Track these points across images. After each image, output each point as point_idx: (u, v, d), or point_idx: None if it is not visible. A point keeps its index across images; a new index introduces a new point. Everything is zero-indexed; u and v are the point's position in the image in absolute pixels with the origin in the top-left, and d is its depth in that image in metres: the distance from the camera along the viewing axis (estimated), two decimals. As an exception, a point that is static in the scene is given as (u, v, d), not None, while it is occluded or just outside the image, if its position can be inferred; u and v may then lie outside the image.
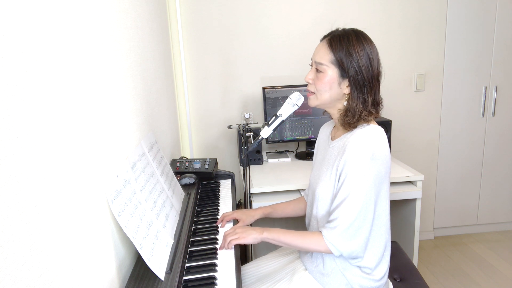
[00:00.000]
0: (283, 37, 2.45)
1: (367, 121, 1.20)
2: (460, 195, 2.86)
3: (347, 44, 1.17)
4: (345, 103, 1.22)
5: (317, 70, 1.22)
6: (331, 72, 1.19)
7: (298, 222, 2.41)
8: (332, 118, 1.33)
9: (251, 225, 1.48)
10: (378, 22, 2.50)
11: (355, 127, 1.21)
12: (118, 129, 1.14)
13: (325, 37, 1.24)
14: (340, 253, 1.16)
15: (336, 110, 1.25)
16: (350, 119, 1.19)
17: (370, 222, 1.16)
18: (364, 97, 1.18)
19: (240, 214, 1.45)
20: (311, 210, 1.32)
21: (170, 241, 1.20)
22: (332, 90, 1.21)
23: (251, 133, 1.90)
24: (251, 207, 1.83)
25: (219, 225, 1.41)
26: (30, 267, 0.63)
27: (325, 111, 1.33)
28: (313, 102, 1.26)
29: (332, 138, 1.31)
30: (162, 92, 1.91)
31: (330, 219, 1.18)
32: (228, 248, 1.24)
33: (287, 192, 1.95)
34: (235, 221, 1.45)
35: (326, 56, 1.20)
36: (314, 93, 1.25)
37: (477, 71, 2.66)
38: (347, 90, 1.20)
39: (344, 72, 1.18)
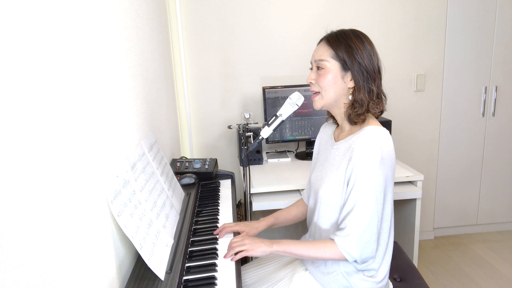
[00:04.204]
0: (283, 37, 2.45)
1: (374, 112, 1.20)
2: (460, 195, 2.86)
3: (345, 38, 1.19)
4: (350, 97, 1.21)
5: (318, 69, 1.23)
6: (333, 66, 1.19)
7: (298, 225, 2.41)
8: (335, 124, 1.33)
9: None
10: (377, 22, 2.50)
11: (364, 120, 1.20)
12: (118, 129, 1.14)
13: (322, 38, 1.26)
14: (354, 259, 1.16)
15: (342, 110, 1.24)
16: (359, 110, 1.18)
17: (380, 225, 1.16)
18: (370, 86, 1.18)
19: (243, 226, 1.37)
20: (313, 213, 1.32)
21: (170, 241, 1.20)
22: (336, 85, 1.20)
23: (251, 133, 1.90)
24: (251, 207, 1.83)
25: (217, 236, 1.32)
26: (30, 267, 0.63)
27: (330, 116, 1.32)
28: (319, 103, 1.25)
29: (336, 139, 1.30)
30: (162, 92, 1.91)
31: (341, 226, 1.16)
32: (234, 260, 1.17)
33: (287, 192, 1.95)
34: (236, 233, 1.36)
35: (325, 53, 1.21)
36: (318, 92, 1.24)
37: (477, 71, 2.66)
38: (351, 84, 1.20)
39: (345, 64, 1.18)
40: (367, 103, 1.18)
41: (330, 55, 1.20)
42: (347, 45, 1.18)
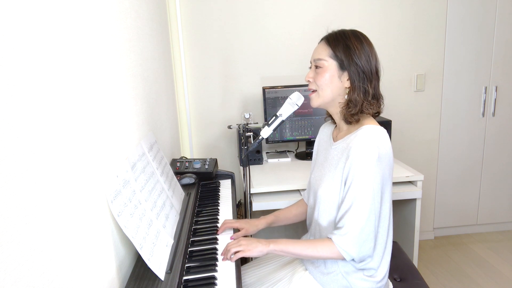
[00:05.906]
0: (283, 37, 2.45)
1: (369, 113, 1.21)
2: (460, 195, 2.86)
3: (344, 39, 1.20)
4: (346, 96, 1.22)
5: (316, 68, 1.24)
6: (331, 65, 1.21)
7: (298, 225, 2.41)
8: (334, 124, 1.34)
9: (251, 236, 1.43)
10: (378, 22, 2.50)
11: (357, 120, 1.21)
12: (118, 129, 1.14)
13: (322, 38, 1.26)
14: (352, 258, 1.16)
15: (338, 109, 1.25)
16: (352, 110, 1.20)
17: (378, 224, 1.16)
18: (365, 87, 1.19)
19: (243, 223, 1.37)
20: (313, 212, 1.32)
21: (170, 241, 1.20)
22: (333, 84, 1.21)
23: (251, 133, 1.90)
24: (251, 207, 1.83)
25: (217, 236, 1.33)
26: (30, 267, 0.63)
27: (327, 116, 1.32)
28: (315, 101, 1.26)
29: (334, 139, 1.31)
30: (162, 92, 1.91)
31: (339, 225, 1.16)
32: (232, 261, 1.17)
33: (287, 192, 1.95)
34: (236, 230, 1.37)
35: (324, 52, 1.22)
36: (315, 90, 1.25)
37: (477, 71, 2.66)
38: (347, 84, 1.20)
39: (343, 64, 1.19)
40: (361, 104, 1.19)
41: (328, 54, 1.21)
42: (346, 45, 1.19)
